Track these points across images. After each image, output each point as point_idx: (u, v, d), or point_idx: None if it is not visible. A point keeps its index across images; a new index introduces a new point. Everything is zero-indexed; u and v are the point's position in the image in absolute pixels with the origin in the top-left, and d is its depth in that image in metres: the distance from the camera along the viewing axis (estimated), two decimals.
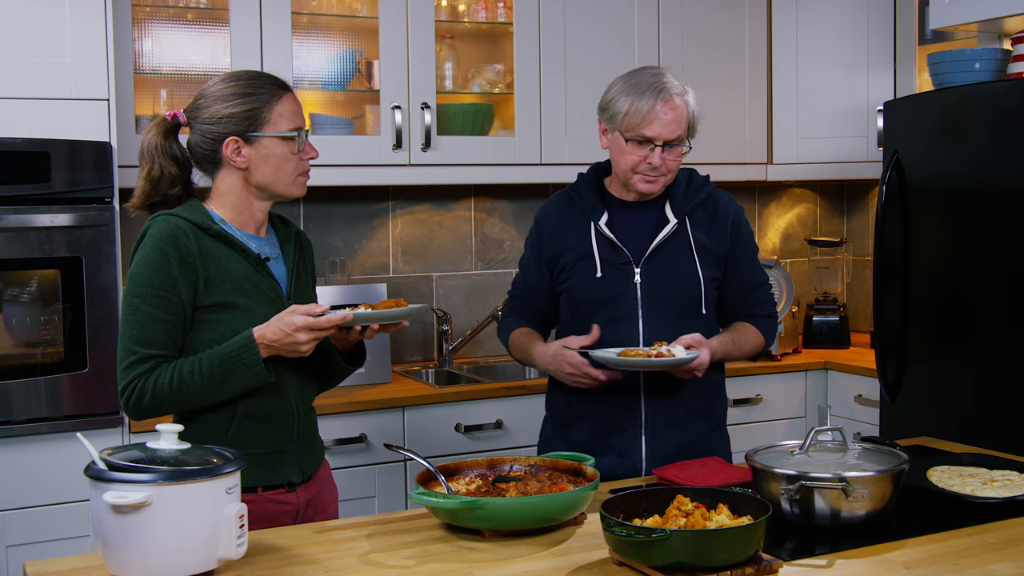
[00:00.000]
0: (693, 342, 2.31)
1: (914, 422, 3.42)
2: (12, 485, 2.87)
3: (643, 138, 2.37)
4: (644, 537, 1.61)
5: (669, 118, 2.35)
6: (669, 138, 2.36)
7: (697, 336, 2.32)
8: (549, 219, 2.54)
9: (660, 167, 2.38)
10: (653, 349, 2.29)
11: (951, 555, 1.76)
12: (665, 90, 2.36)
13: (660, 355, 2.26)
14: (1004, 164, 3.14)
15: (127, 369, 2.02)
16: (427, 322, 4.00)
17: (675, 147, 2.38)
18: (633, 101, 2.36)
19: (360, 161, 3.53)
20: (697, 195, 2.48)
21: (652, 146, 2.36)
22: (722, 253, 2.48)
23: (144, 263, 2.03)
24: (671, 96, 2.36)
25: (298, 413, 2.17)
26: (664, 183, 2.43)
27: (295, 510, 2.16)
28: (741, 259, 2.52)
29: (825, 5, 4.13)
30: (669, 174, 2.42)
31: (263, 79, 2.14)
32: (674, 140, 2.37)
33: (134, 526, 1.61)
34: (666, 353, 2.27)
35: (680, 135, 2.38)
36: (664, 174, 2.40)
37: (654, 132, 2.35)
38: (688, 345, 2.30)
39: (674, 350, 2.27)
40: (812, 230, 4.71)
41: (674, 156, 2.39)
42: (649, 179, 2.40)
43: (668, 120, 2.35)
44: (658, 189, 2.43)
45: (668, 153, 2.38)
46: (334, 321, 2.02)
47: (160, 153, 2.12)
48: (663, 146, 2.36)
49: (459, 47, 3.87)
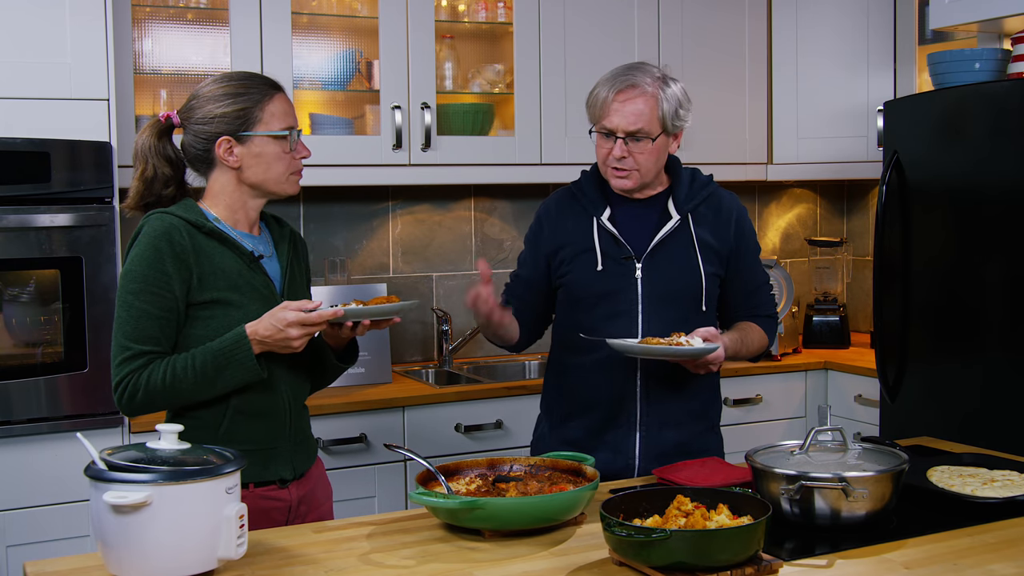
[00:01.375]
0: (709, 335, 2.30)
1: (914, 422, 3.42)
2: (12, 485, 2.87)
3: (605, 130, 2.36)
4: (644, 537, 1.61)
5: (627, 109, 2.32)
6: (628, 129, 2.33)
7: (712, 330, 2.32)
8: (550, 213, 2.53)
9: (626, 160, 2.35)
10: (672, 339, 2.28)
11: (951, 555, 1.76)
12: (623, 81, 2.33)
13: (679, 345, 2.26)
14: (1004, 164, 3.14)
15: (120, 365, 2.03)
16: (427, 322, 4.00)
17: (640, 140, 2.34)
18: (597, 92, 2.37)
19: (360, 161, 3.53)
20: (700, 193, 2.48)
21: (614, 138, 2.35)
22: (725, 251, 2.48)
23: (138, 260, 2.04)
24: (627, 87, 2.32)
25: (290, 410, 2.18)
26: (638, 179, 2.39)
27: (287, 506, 2.17)
28: (744, 258, 2.52)
29: (825, 5, 4.13)
30: (641, 169, 2.37)
31: (255, 79, 2.15)
32: (636, 132, 2.33)
33: (134, 526, 1.61)
34: (685, 344, 2.26)
35: (642, 127, 2.33)
36: (635, 168, 2.37)
37: (612, 124, 2.34)
38: (705, 338, 2.29)
39: (693, 341, 2.27)
40: (812, 230, 4.71)
41: (641, 150, 2.35)
42: (619, 174, 2.38)
43: (626, 112, 2.32)
44: (630, 184, 2.39)
45: (634, 146, 2.34)
46: (325, 316, 2.03)
47: (153, 154, 2.14)
48: (624, 138, 2.34)
49: (459, 47, 3.87)
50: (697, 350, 2.25)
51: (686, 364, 2.34)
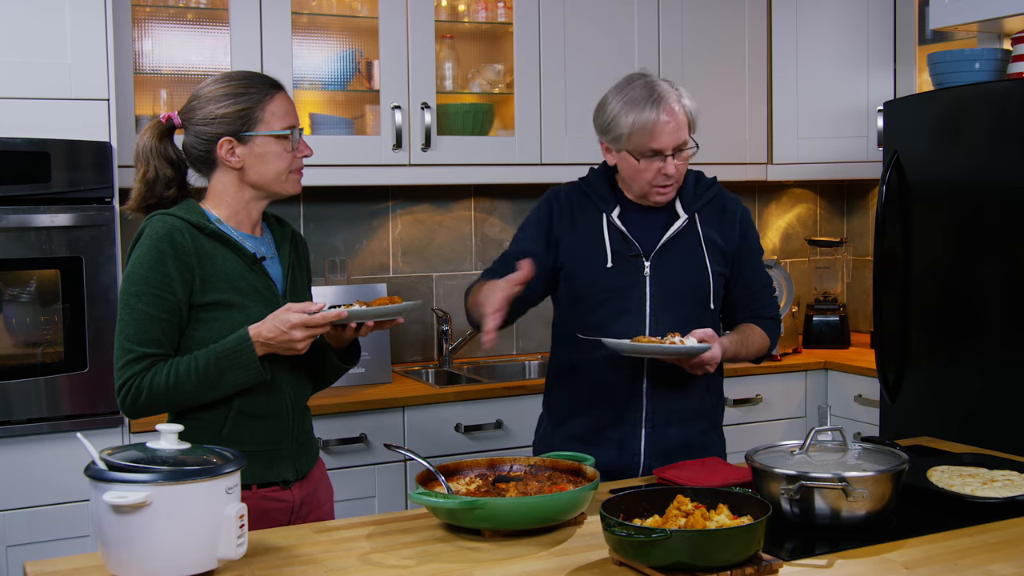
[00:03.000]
0: (706, 336, 2.30)
1: (914, 422, 3.42)
2: (12, 485, 2.87)
3: (653, 152, 2.37)
4: (644, 537, 1.61)
5: (672, 126, 2.35)
6: (677, 144, 2.37)
7: (710, 331, 2.32)
8: (560, 200, 2.54)
9: (674, 175, 2.40)
10: (666, 339, 2.28)
11: (951, 555, 1.76)
12: (663, 99, 2.35)
13: (672, 344, 2.26)
14: (1004, 164, 3.14)
15: (123, 368, 2.03)
16: (427, 322, 4.00)
17: (684, 151, 2.40)
18: (635, 118, 2.35)
19: (360, 161, 3.53)
20: (706, 194, 2.51)
21: (663, 157, 2.37)
22: (730, 250, 2.50)
23: (141, 262, 2.04)
24: (669, 104, 2.36)
25: (293, 411, 2.18)
26: (676, 187, 2.46)
27: (289, 507, 2.17)
28: (748, 259, 2.53)
29: (825, 5, 4.13)
30: (679, 179, 2.44)
31: (255, 79, 2.15)
32: (681, 145, 2.38)
33: (134, 526, 1.61)
34: (679, 343, 2.27)
35: (686, 138, 2.39)
36: (677, 181, 2.43)
37: (662, 144, 2.36)
38: (701, 339, 2.30)
39: (687, 341, 2.27)
40: (812, 230, 4.71)
41: (683, 160, 2.41)
42: (665, 191, 2.43)
43: (672, 128, 2.35)
44: (672, 195, 2.46)
45: (678, 158, 2.40)
46: (328, 318, 2.03)
47: (155, 155, 2.14)
48: (672, 154, 2.38)
49: (459, 47, 3.87)
50: (688, 349, 2.26)
51: (682, 364, 2.34)
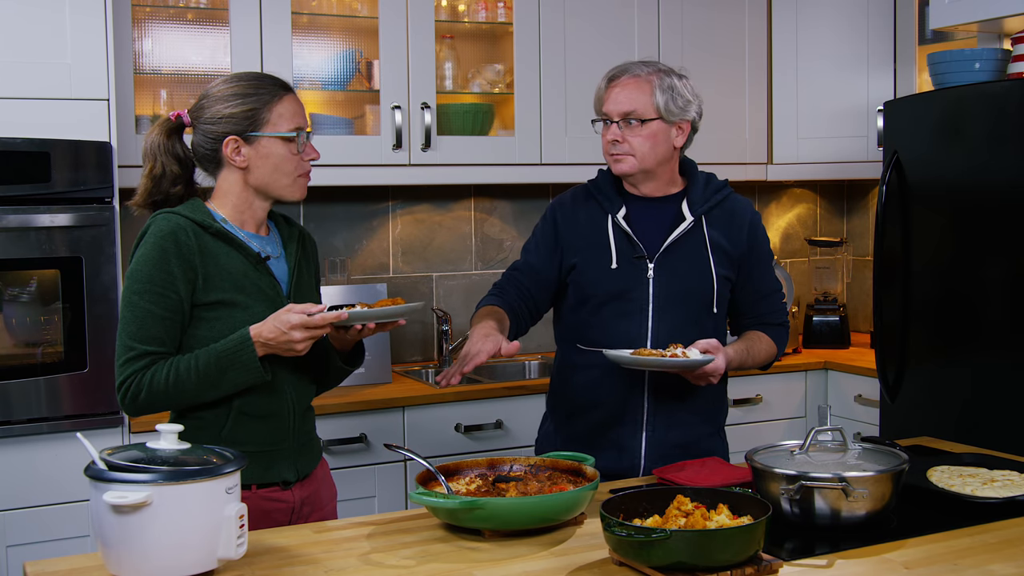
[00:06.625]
0: (710, 347, 2.29)
1: (914, 422, 3.42)
2: (12, 485, 2.87)
3: (602, 116, 2.45)
4: (644, 537, 1.61)
5: (621, 95, 2.41)
6: (621, 111, 2.40)
7: (714, 342, 2.31)
8: (565, 207, 2.54)
9: (622, 145, 2.41)
10: (668, 350, 2.27)
11: (951, 555, 1.76)
12: (626, 71, 2.43)
13: (675, 356, 2.25)
14: (1004, 164, 3.14)
15: (124, 365, 2.03)
16: (427, 322, 4.00)
17: (633, 123, 2.40)
18: (599, 85, 2.47)
19: (360, 161, 3.53)
20: (715, 196, 2.49)
21: (610, 122, 2.42)
22: (737, 255, 2.48)
23: (144, 260, 2.04)
24: (620, 73, 2.43)
25: (294, 412, 2.18)
26: (634, 164, 2.42)
27: (290, 508, 2.17)
28: (757, 264, 2.51)
29: (825, 6, 4.13)
30: (636, 153, 2.41)
31: (265, 80, 2.16)
32: (628, 114, 2.39)
33: (134, 526, 1.61)
34: (681, 355, 2.25)
35: (635, 109, 2.39)
36: (630, 153, 2.41)
37: (607, 109, 2.44)
38: (704, 350, 2.28)
39: (689, 353, 2.25)
40: (812, 230, 4.71)
41: (635, 133, 2.40)
42: (615, 158, 2.44)
43: (618, 95, 2.41)
44: (627, 168, 2.43)
45: (628, 130, 2.40)
46: (328, 319, 2.02)
47: (162, 152, 2.14)
48: (618, 122, 2.40)
49: (459, 47, 3.87)
50: (691, 362, 2.24)
51: (685, 375, 2.33)
